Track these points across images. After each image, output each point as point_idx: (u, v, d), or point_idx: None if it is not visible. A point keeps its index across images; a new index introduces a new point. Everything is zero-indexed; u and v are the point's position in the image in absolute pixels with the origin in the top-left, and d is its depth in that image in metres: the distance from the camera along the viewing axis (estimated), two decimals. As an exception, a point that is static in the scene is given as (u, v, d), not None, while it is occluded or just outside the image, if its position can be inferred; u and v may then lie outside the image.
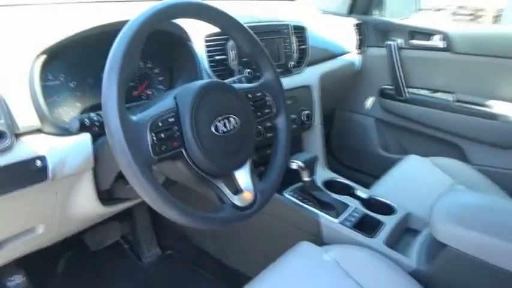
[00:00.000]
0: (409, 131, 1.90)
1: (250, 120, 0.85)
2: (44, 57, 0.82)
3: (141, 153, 0.66)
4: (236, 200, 0.81)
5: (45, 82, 0.93)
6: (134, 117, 0.68)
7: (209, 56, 1.17)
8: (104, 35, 0.84)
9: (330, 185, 1.36)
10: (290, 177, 1.21)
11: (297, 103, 1.40)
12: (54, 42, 0.82)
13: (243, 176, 0.85)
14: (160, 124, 0.70)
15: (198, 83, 0.79)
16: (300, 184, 1.28)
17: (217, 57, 1.18)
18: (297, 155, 1.22)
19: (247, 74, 1.07)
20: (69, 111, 0.98)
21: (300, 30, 1.46)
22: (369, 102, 2.00)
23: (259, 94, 0.91)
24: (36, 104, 0.80)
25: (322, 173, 1.41)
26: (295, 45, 1.43)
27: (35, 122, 0.80)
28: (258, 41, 0.92)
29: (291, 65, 1.41)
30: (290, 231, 1.25)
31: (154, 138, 0.69)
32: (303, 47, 1.47)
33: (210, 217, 0.76)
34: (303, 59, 1.48)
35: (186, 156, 0.75)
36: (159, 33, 1.08)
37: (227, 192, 0.81)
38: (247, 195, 0.84)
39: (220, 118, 0.78)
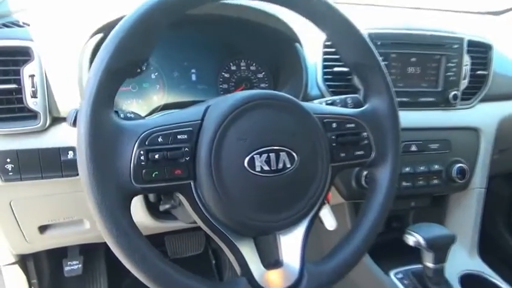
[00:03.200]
0: None
1: (319, 160, 0.55)
2: (100, 36, 0.71)
3: (113, 176, 0.46)
4: (263, 279, 0.53)
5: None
6: (125, 123, 0.48)
7: (325, 66, 0.89)
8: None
9: (470, 283, 0.88)
10: (408, 251, 0.83)
11: (448, 150, 0.97)
12: (113, 19, 0.70)
13: (289, 243, 0.56)
14: (160, 140, 0.48)
15: (244, 92, 0.54)
16: (418, 267, 0.86)
17: (336, 69, 0.89)
18: (421, 226, 0.83)
19: (358, 96, 0.75)
20: (143, 105, 0.87)
21: (480, 49, 1.01)
22: None
23: (351, 125, 0.59)
24: (81, 88, 0.70)
25: (464, 262, 0.94)
26: (467, 68, 0.99)
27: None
28: (372, 48, 0.60)
29: (454, 96, 0.98)
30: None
31: (143, 157, 0.47)
32: (481, 72, 1.02)
33: None
34: (479, 90, 1.03)
35: (194, 194, 0.51)
36: (264, 29, 0.87)
37: (253, 260, 0.53)
38: (285, 275, 0.54)
39: (263, 149, 0.51)
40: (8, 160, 0.67)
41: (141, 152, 0.47)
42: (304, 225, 0.57)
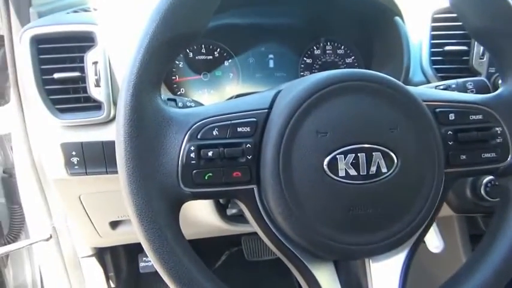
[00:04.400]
0: None
1: (428, 164, 0.40)
2: None
3: (156, 177, 0.37)
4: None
5: (194, 55, 0.77)
6: (173, 111, 0.39)
7: (434, 45, 0.71)
8: None
9: None
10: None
11: None
12: None
13: (382, 272, 0.42)
14: (216, 133, 0.38)
15: (325, 72, 0.41)
16: None
17: (448, 48, 0.71)
18: None
19: (483, 79, 0.56)
20: (215, 95, 0.79)
21: None
22: None
23: (477, 117, 0.43)
24: None
25: None
26: None
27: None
28: (511, 7, 0.43)
29: None
30: None
31: (194, 154, 0.37)
32: None
33: None
34: None
35: (258, 202, 0.40)
36: (355, 2, 0.73)
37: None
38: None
39: (349, 148, 0.38)
40: (74, 153, 0.63)
41: (192, 148, 0.37)
42: (405, 251, 0.43)
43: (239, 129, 0.39)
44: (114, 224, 0.80)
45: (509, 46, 0.43)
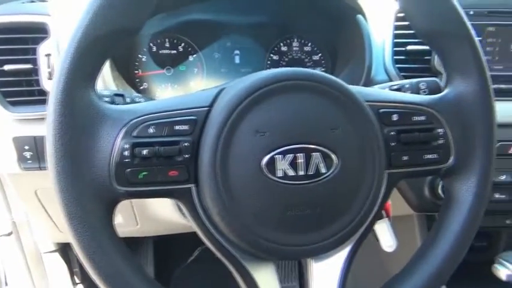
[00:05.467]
0: None
1: (369, 165, 0.40)
2: None
3: (88, 176, 0.36)
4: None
5: (158, 49, 0.76)
6: (109, 107, 0.38)
7: (397, 44, 0.71)
8: None
9: None
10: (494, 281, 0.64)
11: None
12: None
13: (324, 272, 0.42)
14: (152, 131, 0.37)
15: (267, 71, 0.40)
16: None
17: (410, 47, 0.71)
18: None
19: (436, 80, 0.56)
20: (179, 90, 0.78)
21: None
22: None
23: (420, 118, 0.43)
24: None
25: None
26: None
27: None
28: (457, 9, 0.43)
29: None
30: None
31: (127, 152, 0.37)
32: None
33: None
34: None
35: (196, 202, 0.39)
36: (323, 1, 0.72)
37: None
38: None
39: (288, 148, 0.38)
40: (26, 147, 0.62)
41: (126, 146, 0.37)
42: (346, 250, 0.43)
43: (177, 128, 0.38)
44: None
45: (454, 48, 0.43)
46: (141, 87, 0.75)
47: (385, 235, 0.59)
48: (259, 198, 0.38)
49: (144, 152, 0.37)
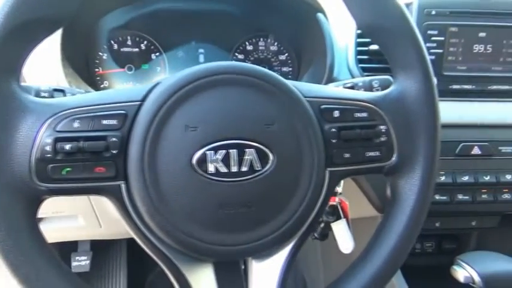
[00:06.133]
0: None
1: (307, 162, 0.39)
2: None
3: (8, 171, 0.35)
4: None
5: (119, 47, 0.74)
6: (32, 100, 0.37)
7: (360, 44, 0.70)
8: None
9: None
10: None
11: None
12: None
13: (264, 272, 0.41)
14: (76, 125, 0.36)
15: (201, 65, 0.39)
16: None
17: (373, 47, 0.70)
18: (478, 255, 0.62)
19: (389, 78, 0.55)
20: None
21: None
22: None
23: (362, 115, 0.42)
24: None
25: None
26: None
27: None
28: (399, 5, 0.42)
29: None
30: None
31: (49, 147, 0.35)
32: None
33: None
34: None
35: (126, 200, 0.38)
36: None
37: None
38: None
39: (220, 143, 0.37)
40: None
41: (48, 141, 0.35)
42: (287, 249, 0.41)
43: (104, 122, 0.36)
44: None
45: (396, 44, 0.42)
46: (102, 86, 0.74)
47: (342, 236, 0.58)
48: (190, 195, 0.37)
49: (67, 146, 0.35)
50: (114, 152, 0.36)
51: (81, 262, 0.95)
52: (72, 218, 0.79)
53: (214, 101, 0.37)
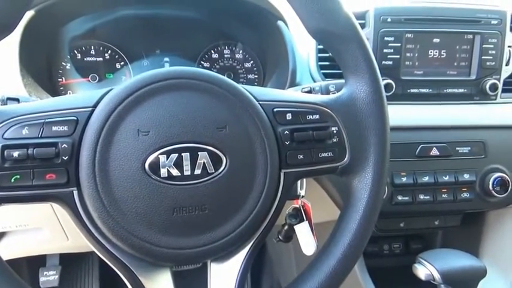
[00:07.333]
0: None
1: (260, 165, 0.40)
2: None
3: None
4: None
5: (82, 56, 0.74)
6: None
7: (321, 50, 0.72)
8: None
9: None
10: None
11: (483, 155, 0.75)
12: None
13: (222, 275, 0.41)
14: (25, 132, 0.36)
15: (152, 71, 0.40)
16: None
17: (334, 53, 0.72)
18: (437, 253, 0.64)
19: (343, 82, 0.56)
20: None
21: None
22: None
23: (314, 117, 0.43)
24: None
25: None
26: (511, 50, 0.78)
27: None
28: (342, 8, 0.43)
29: (493, 86, 0.76)
30: None
31: None
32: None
33: None
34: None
35: (79, 206, 0.38)
36: (246, 6, 0.73)
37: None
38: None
39: (172, 147, 0.37)
40: None
41: None
42: (245, 251, 0.42)
43: (54, 128, 0.36)
44: (-1, 236, 0.75)
45: (343, 48, 0.44)
46: None
47: (304, 238, 0.59)
48: (144, 200, 0.37)
49: (15, 154, 0.35)
50: (65, 158, 0.36)
51: (49, 277, 0.92)
52: (37, 231, 0.77)
53: (166, 105, 0.38)
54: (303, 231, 0.59)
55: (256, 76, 0.82)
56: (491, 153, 0.75)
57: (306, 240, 0.59)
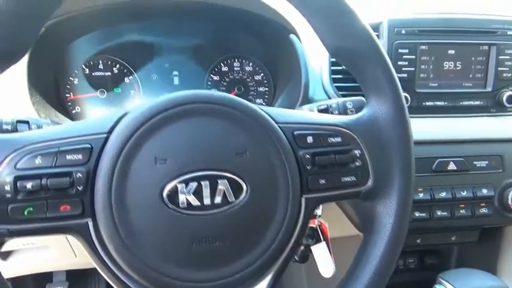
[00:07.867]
0: None
1: (282, 191, 0.38)
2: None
3: None
4: None
5: (90, 71, 0.73)
6: None
7: (334, 63, 0.71)
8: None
9: None
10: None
11: (501, 169, 0.73)
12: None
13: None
14: (38, 162, 0.34)
15: (168, 95, 0.38)
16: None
17: (347, 66, 0.70)
18: (458, 272, 0.62)
19: (362, 99, 0.55)
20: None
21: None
22: None
23: (336, 140, 0.41)
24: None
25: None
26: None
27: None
28: (363, 25, 0.41)
29: (510, 98, 0.75)
30: None
31: (8, 187, 0.33)
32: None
33: None
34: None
35: (94, 238, 0.36)
36: (257, 20, 0.71)
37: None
38: None
39: (190, 175, 0.36)
40: None
41: (7, 180, 0.33)
42: (267, 280, 0.40)
43: (68, 157, 0.35)
44: (5, 255, 0.73)
45: (366, 67, 0.42)
46: (74, 112, 0.72)
47: (322, 260, 0.57)
48: (161, 231, 0.35)
49: (28, 185, 0.33)
50: (79, 188, 0.35)
51: (57, 293, 0.91)
52: (45, 249, 0.76)
53: (183, 131, 0.36)
54: (320, 252, 0.57)
55: (266, 89, 0.80)
56: (509, 166, 0.73)
57: (324, 262, 0.57)
